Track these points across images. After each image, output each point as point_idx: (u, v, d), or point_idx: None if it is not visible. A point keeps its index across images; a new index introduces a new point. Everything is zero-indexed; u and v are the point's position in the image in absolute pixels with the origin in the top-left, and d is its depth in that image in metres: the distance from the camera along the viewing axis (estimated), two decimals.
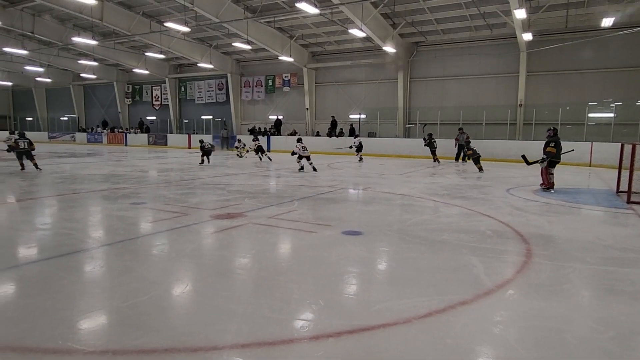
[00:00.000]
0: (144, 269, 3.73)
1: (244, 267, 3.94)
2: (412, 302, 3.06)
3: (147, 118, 32.71)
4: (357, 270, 3.87)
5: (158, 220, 5.76)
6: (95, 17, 18.99)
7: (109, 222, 5.66)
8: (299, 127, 26.03)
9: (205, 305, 3.00)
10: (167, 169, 13.21)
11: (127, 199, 7.37)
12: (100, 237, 4.88)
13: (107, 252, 4.25)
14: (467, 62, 21.14)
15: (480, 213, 6.42)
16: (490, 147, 19.07)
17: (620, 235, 5.15)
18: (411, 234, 5.03)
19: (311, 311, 2.95)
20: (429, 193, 8.48)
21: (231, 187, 8.95)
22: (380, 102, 23.44)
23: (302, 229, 5.28)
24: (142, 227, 5.43)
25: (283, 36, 22.52)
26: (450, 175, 12.16)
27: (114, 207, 6.59)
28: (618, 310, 2.98)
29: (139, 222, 5.72)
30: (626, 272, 3.80)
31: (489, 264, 3.97)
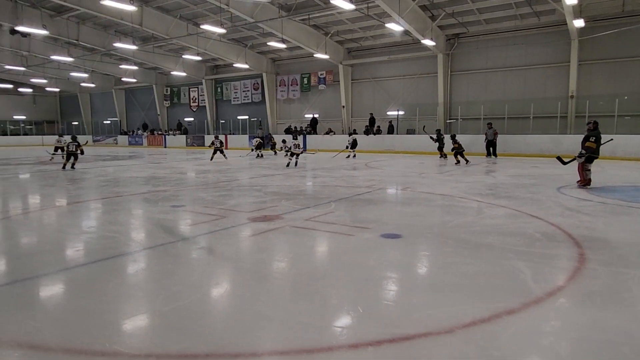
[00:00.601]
0: (184, 273, 3.87)
1: (282, 271, 4.01)
2: (454, 310, 3.00)
3: (184, 120, 33.81)
4: (396, 276, 3.84)
5: (197, 223, 5.94)
6: (135, 22, 19.80)
7: (151, 225, 5.90)
8: (335, 125, 26.08)
9: (244, 310, 3.07)
10: (204, 171, 13.59)
11: (167, 201, 7.65)
12: (143, 240, 5.10)
13: (149, 255, 4.43)
14: (512, 52, 20.45)
15: (528, 214, 6.20)
16: (539, 142, 18.40)
17: None
18: (453, 237, 4.94)
19: (350, 318, 2.95)
20: (472, 193, 8.27)
21: (267, 189, 9.09)
22: (419, 98, 23.08)
23: (339, 232, 5.29)
24: (182, 230, 5.62)
25: (318, 33, 22.62)
26: (495, 174, 11.81)
27: (155, 210, 6.86)
28: None
29: (179, 225, 5.91)
30: None
31: (538, 269, 3.83)
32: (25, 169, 14.77)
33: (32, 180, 11.71)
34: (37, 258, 4.34)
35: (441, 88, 21.96)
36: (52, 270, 3.99)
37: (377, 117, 24.06)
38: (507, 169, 13.14)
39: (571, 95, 18.91)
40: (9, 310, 3.11)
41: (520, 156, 18.22)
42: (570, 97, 18.92)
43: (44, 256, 4.41)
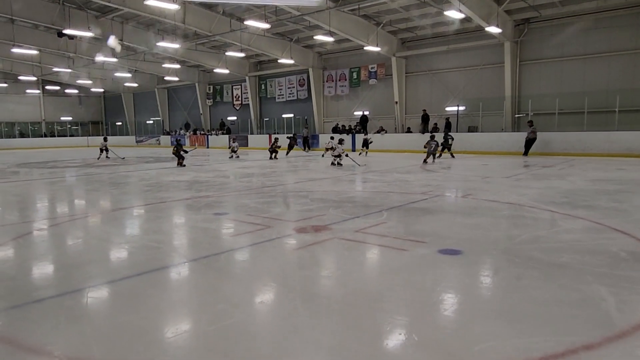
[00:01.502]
0: (228, 289, 4.00)
1: (330, 290, 4.04)
2: (522, 342, 2.91)
3: (227, 119, 34.86)
4: (456, 299, 3.77)
5: (241, 233, 6.11)
6: (177, 20, 20.69)
7: (194, 235, 6.14)
8: (388, 123, 25.91)
9: (290, 333, 3.13)
10: (248, 174, 13.94)
11: (210, 208, 7.93)
12: (186, 252, 5.32)
13: (193, 269, 4.62)
14: (593, 37, 19.44)
15: (612, 228, 5.88)
16: (626, 140, 17.35)
17: None
18: (522, 255, 4.77)
19: (404, 347, 2.93)
20: (544, 201, 7.95)
21: (314, 195, 9.19)
22: (482, 92, 22.45)
23: (392, 246, 5.26)
24: (226, 241, 5.80)
25: (369, 24, 22.57)
26: (572, 178, 11.27)
27: (198, 218, 7.14)
28: None
29: (223, 236, 6.12)
30: None
31: (623, 296, 3.62)
32: (71, 172, 15.80)
33: (77, 185, 12.51)
34: (84, 269, 4.63)
35: (509, 80, 21.22)
36: (98, 282, 4.25)
37: (435, 114, 23.62)
38: (587, 172, 12.49)
39: None
40: (60, 324, 3.36)
41: (603, 156, 17.24)
42: None
43: (90, 267, 4.71)
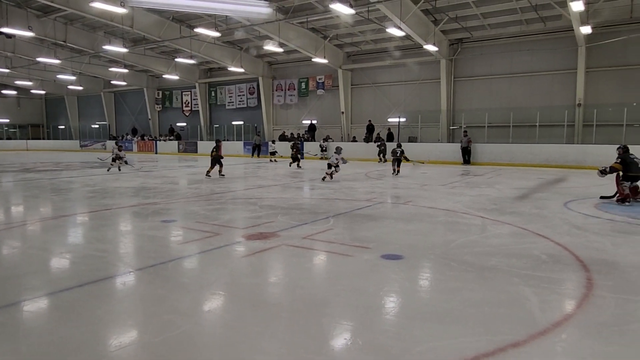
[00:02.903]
0: (175, 299, 3.86)
1: (278, 297, 4.00)
2: (457, 342, 3.01)
3: (177, 125, 33.84)
4: (397, 303, 3.85)
5: (189, 240, 5.93)
6: (125, 24, 19.89)
7: (140, 243, 5.89)
8: (334, 132, 26.18)
9: (238, 342, 3.07)
10: (197, 180, 13.58)
11: (158, 215, 7.64)
12: (131, 261, 5.07)
13: (138, 278, 4.42)
14: (517, 58, 20.65)
15: (534, 233, 6.23)
16: (545, 152, 18.52)
17: None
18: (457, 259, 4.95)
19: (349, 352, 2.95)
20: (476, 208, 8.31)
21: (263, 202, 9.10)
22: (421, 105, 23.23)
23: (338, 252, 5.30)
24: (173, 249, 5.60)
25: (317, 37, 22.77)
26: (499, 186, 11.86)
27: (144, 226, 6.85)
28: None
29: (170, 244, 5.90)
30: None
31: (544, 296, 3.85)
32: (8, 177, 14.72)
33: (14, 190, 11.67)
34: (21, 281, 4.31)
35: (444, 94, 22.10)
36: (36, 295, 3.97)
37: (378, 124, 24.16)
38: (513, 181, 13.19)
39: (578, 103, 19.07)
40: None
41: (526, 166, 18.31)
42: (578, 105, 19.08)
43: (28, 279, 4.39)
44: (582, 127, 19.02)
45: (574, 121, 19.17)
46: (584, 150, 17.76)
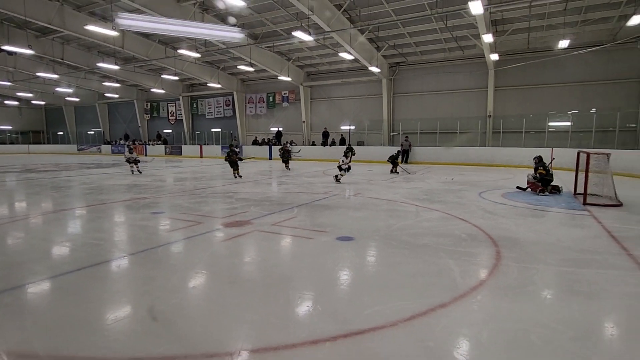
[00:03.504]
0: (164, 278, 3.73)
1: (252, 274, 3.95)
2: (398, 306, 3.08)
3: (164, 131, 32.65)
4: (350, 276, 3.89)
5: (175, 229, 5.75)
6: (117, 45, 18.95)
7: (133, 232, 5.65)
8: (297, 137, 26.08)
9: (219, 313, 3.01)
10: (182, 178, 13.18)
11: (148, 208, 7.35)
12: (125, 247, 4.87)
13: (132, 262, 4.24)
14: (442, 79, 21.26)
15: (456, 217, 6.45)
16: (463, 153, 19.21)
17: (578, 237, 5.20)
18: (396, 239, 5.05)
19: (311, 317, 2.96)
20: (411, 198, 8.50)
21: (238, 196, 8.94)
22: (367, 115, 23.50)
23: (301, 236, 5.29)
24: (162, 237, 5.41)
25: (282, 59, 22.56)
26: (429, 180, 12.20)
27: (136, 217, 6.58)
28: (576, 311, 3.01)
29: (159, 232, 5.70)
30: (583, 272, 3.84)
31: (465, 267, 3.99)
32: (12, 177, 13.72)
33: (18, 188, 10.90)
34: (25, 267, 4.04)
35: (385, 107, 22.46)
36: (39, 278, 3.74)
37: (332, 131, 24.27)
38: (439, 176, 13.60)
39: (489, 115, 19.89)
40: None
41: (450, 164, 18.93)
42: (488, 116, 19.91)
43: (32, 265, 4.12)
44: (492, 133, 19.87)
45: (486, 129, 20.01)
46: (493, 152, 18.58)
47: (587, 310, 3.02)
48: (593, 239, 5.10)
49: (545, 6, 14.42)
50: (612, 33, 16.63)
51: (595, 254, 4.42)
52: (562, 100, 18.51)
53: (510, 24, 16.32)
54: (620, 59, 17.23)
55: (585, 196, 7.72)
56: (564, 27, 16.12)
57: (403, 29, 17.47)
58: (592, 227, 5.74)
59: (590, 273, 3.82)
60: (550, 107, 18.70)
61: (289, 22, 17.16)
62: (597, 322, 2.87)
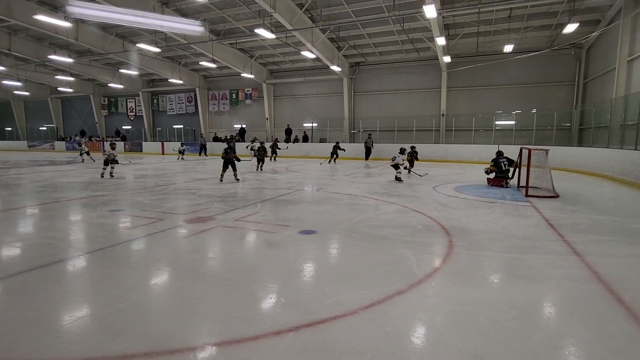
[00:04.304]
0: (123, 276, 3.56)
1: (215, 269, 3.86)
2: (358, 294, 3.12)
3: (122, 127, 31.08)
4: (312, 267, 3.90)
5: (135, 226, 5.49)
6: (70, 37, 17.74)
7: (89, 230, 5.33)
8: (261, 134, 25.76)
9: (181, 308, 2.91)
10: (143, 175, 12.61)
11: (106, 206, 6.97)
12: (81, 246, 4.58)
13: (88, 260, 4.00)
14: (399, 79, 21.78)
15: (413, 209, 6.63)
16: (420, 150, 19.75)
17: (520, 226, 5.52)
18: (357, 231, 5.12)
19: (274, 308, 2.94)
20: (371, 192, 8.64)
21: (202, 192, 8.69)
22: (329, 112, 23.65)
23: (264, 230, 5.23)
24: (121, 234, 5.15)
25: (244, 56, 22.13)
26: (387, 175, 12.48)
27: (93, 215, 6.21)
28: (519, 293, 3.20)
29: (118, 229, 5.41)
30: (525, 258, 4.09)
31: (420, 256, 4.12)
32: None
33: None
34: None
35: (346, 105, 22.69)
36: None
37: (295, 128, 24.20)
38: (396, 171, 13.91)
39: (442, 113, 20.65)
40: None
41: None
42: (442, 115, 20.66)
43: None
44: (445, 131, 20.65)
45: (439, 127, 20.76)
46: (446, 149, 19.32)
47: (528, 292, 3.22)
48: (534, 227, 5.43)
49: (492, 12, 15.13)
50: (550, 40, 17.76)
51: (535, 240, 4.71)
52: (507, 100, 19.56)
53: (461, 28, 16.98)
54: (557, 64, 18.46)
55: (527, 189, 8.22)
56: (508, 33, 17.01)
57: (362, 29, 17.68)
58: (533, 217, 6.12)
59: (531, 258, 4.07)
60: (497, 107, 19.71)
61: (251, 20, 16.85)
62: (536, 302, 3.07)
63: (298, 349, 2.37)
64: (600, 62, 15.80)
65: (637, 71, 12.44)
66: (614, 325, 2.65)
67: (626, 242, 4.68)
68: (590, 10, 14.79)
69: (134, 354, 2.34)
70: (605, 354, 2.33)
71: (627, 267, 3.79)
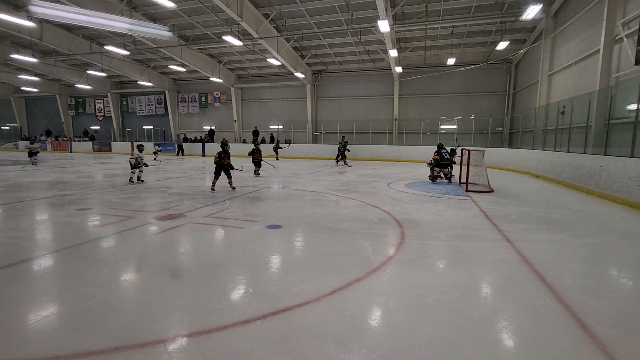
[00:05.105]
0: (92, 273, 3.34)
1: (185, 263, 3.72)
2: (321, 283, 3.13)
3: (91, 128, 29.12)
4: (278, 259, 3.86)
5: (105, 224, 5.17)
6: (34, 36, 16.33)
7: (56, 229, 4.95)
8: (229, 135, 25.15)
9: (151, 302, 2.78)
10: (112, 174, 11.89)
11: (74, 205, 6.51)
12: (47, 245, 4.24)
13: (55, 259, 3.72)
14: (357, 86, 22.09)
15: (369, 204, 6.76)
16: (376, 151, 20.20)
17: (462, 217, 5.79)
18: (319, 225, 5.14)
19: (242, 299, 2.88)
20: (332, 189, 8.70)
21: (172, 190, 8.35)
22: (294, 116, 23.54)
23: (233, 226, 5.12)
24: (90, 232, 4.82)
25: (213, 61, 21.48)
26: (348, 174, 12.63)
27: (60, 214, 5.78)
28: (461, 276, 3.36)
29: (86, 228, 5.07)
30: (465, 245, 4.29)
31: (376, 246, 4.21)
32: None
33: None
34: None
35: (309, 110, 22.69)
36: None
37: (262, 130, 23.86)
38: (356, 170, 14.15)
39: (395, 118, 21.21)
40: None
41: (364, 160, 19.80)
42: (394, 119, 21.22)
43: None
44: (397, 134, 21.23)
45: (393, 130, 21.32)
46: (398, 149, 19.87)
47: (468, 275, 3.38)
48: (473, 218, 5.72)
49: (437, 29, 15.73)
50: (485, 55, 18.76)
51: (474, 230, 4.97)
52: (450, 107, 20.44)
53: (411, 42, 17.51)
54: (491, 76, 19.55)
55: (467, 184, 8.64)
56: (451, 48, 17.77)
57: (324, 40, 17.73)
58: (472, 209, 6.44)
59: (471, 245, 4.28)
60: (442, 112, 20.55)
61: (219, 27, 16.37)
62: (475, 284, 3.23)
63: (266, 336, 2.34)
64: (527, 75, 16.93)
65: (556, 84, 13.45)
66: (538, 301, 2.86)
67: (547, 230, 5.06)
68: (518, 31, 15.78)
69: (103, 350, 2.20)
70: (531, 326, 2.50)
71: (548, 251, 4.10)
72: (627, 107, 8.46)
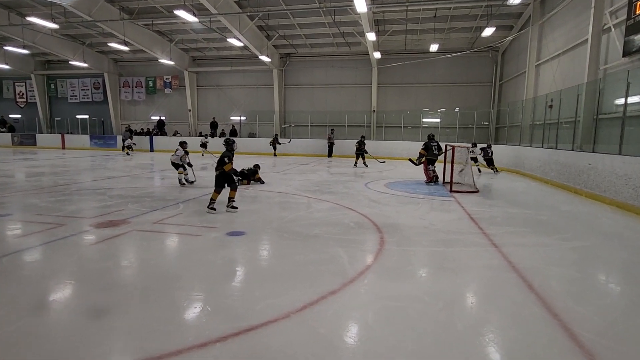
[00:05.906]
0: (11, 294, 3.14)
1: (129, 278, 3.59)
2: (290, 297, 3.13)
3: (10, 116, 27.35)
4: (241, 271, 3.82)
5: (28, 233, 4.89)
6: None
7: None
8: (182, 127, 24.53)
9: (87, 326, 2.65)
10: (38, 173, 11.25)
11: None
12: None
13: None
14: (331, 73, 22.21)
15: (345, 207, 6.83)
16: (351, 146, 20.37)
17: (446, 220, 5.98)
18: (288, 231, 5.13)
19: (199, 318, 2.82)
20: (303, 190, 8.71)
21: (112, 192, 8.02)
22: (259, 106, 23.31)
23: (187, 233, 5.00)
24: (8, 244, 4.53)
25: (162, 39, 20.84)
26: (320, 172, 12.69)
27: None
28: (444, 285, 3.47)
29: (5, 238, 4.76)
30: (450, 251, 4.44)
31: (352, 253, 4.26)
32: None
33: None
34: None
35: (277, 98, 22.56)
36: None
37: (222, 122, 23.45)
38: (331, 168, 14.24)
39: (373, 109, 21.54)
40: None
41: (339, 157, 19.95)
42: (373, 111, 21.55)
43: None
44: (376, 127, 21.58)
45: (371, 123, 21.63)
46: (377, 144, 20.15)
47: (453, 283, 3.50)
48: (457, 221, 5.93)
49: (419, 12, 16.12)
50: (470, 42, 19.47)
51: (459, 234, 5.15)
52: (433, 98, 21.03)
53: (391, 25, 17.85)
54: (476, 65, 20.31)
55: (452, 185, 8.94)
56: (434, 32, 18.28)
57: (293, 19, 17.69)
58: (456, 211, 6.67)
59: (456, 251, 4.44)
60: (424, 104, 21.10)
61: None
62: (460, 293, 3.35)
63: None
64: (513, 65, 17.74)
65: (544, 75, 14.20)
66: (525, 310, 3.01)
67: (535, 233, 5.33)
68: (505, 16, 16.50)
69: None
70: (520, 337, 2.63)
71: (536, 255, 4.32)
72: (615, 101, 9.08)
